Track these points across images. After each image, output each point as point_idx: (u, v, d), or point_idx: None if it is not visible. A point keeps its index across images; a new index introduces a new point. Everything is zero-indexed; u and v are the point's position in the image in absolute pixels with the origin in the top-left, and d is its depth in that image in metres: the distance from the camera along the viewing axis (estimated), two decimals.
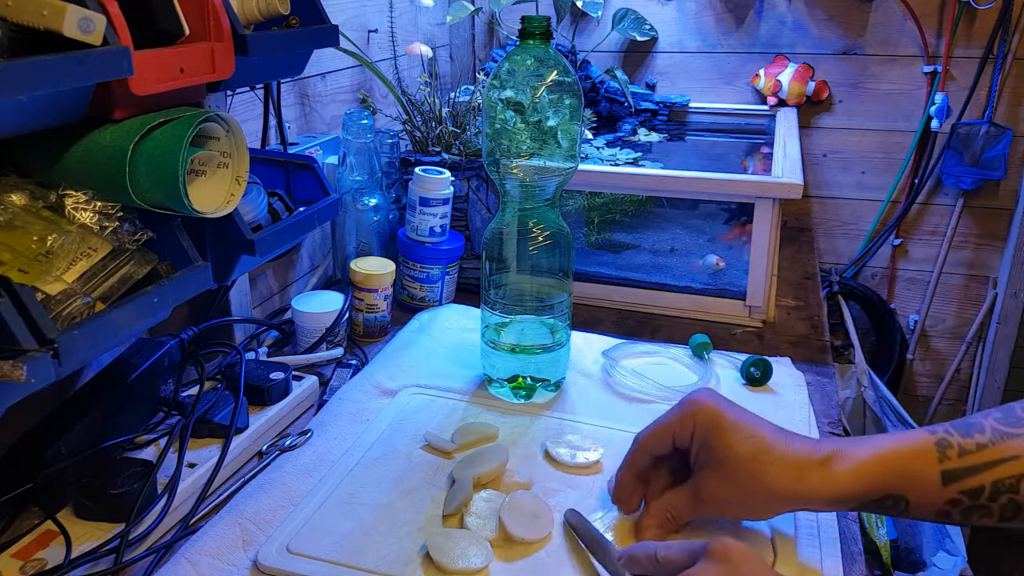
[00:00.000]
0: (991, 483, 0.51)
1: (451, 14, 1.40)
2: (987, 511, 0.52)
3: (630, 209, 1.14)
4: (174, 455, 0.69)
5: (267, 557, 0.59)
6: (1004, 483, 0.51)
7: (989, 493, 0.51)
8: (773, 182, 1.00)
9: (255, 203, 0.74)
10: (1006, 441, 0.51)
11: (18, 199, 0.55)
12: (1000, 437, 0.51)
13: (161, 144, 0.56)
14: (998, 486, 0.51)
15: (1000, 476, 0.51)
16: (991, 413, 0.54)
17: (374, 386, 0.84)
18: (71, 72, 0.48)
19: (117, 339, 0.66)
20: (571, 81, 0.74)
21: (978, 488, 0.51)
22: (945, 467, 0.52)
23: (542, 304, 0.81)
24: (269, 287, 1.05)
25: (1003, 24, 1.50)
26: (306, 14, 0.77)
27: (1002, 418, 0.53)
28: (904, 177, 1.66)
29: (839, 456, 0.54)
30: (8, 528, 0.61)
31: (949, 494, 0.52)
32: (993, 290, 1.69)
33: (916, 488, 0.53)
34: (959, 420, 0.55)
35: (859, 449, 0.55)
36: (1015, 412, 0.53)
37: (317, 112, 1.12)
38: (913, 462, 0.53)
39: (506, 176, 0.76)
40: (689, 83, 1.69)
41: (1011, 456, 0.51)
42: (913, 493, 0.53)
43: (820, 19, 1.59)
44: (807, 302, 1.14)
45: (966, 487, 0.52)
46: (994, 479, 0.51)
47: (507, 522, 0.61)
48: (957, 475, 0.52)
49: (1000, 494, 0.51)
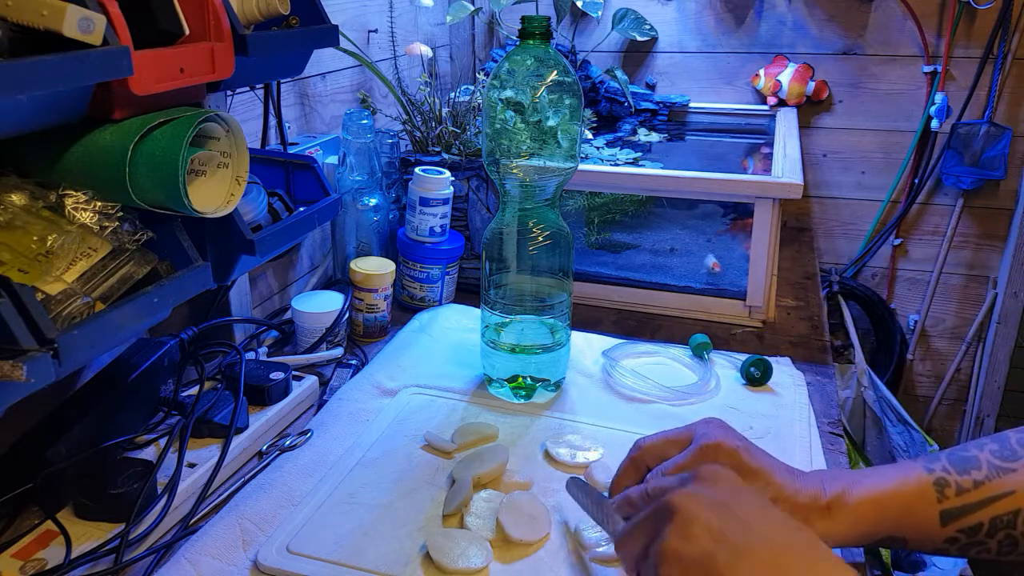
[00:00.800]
0: (989, 520, 0.52)
1: (451, 14, 1.40)
2: (985, 546, 0.52)
3: (630, 209, 1.14)
4: (174, 455, 0.69)
5: (267, 557, 0.59)
6: (1001, 520, 0.51)
7: (987, 530, 0.52)
8: (773, 182, 1.00)
9: (255, 203, 0.74)
10: (1002, 477, 0.52)
11: (18, 199, 0.55)
12: (996, 473, 0.52)
13: (161, 144, 0.56)
14: (996, 523, 0.51)
15: (997, 513, 0.51)
16: (986, 444, 0.54)
17: (374, 386, 0.84)
18: (71, 72, 0.48)
19: (117, 339, 0.66)
20: (571, 81, 0.74)
21: (976, 526, 0.52)
22: (944, 507, 0.52)
23: (542, 304, 0.81)
24: (269, 287, 1.05)
25: (1003, 24, 1.50)
26: (306, 14, 0.77)
27: (998, 451, 0.53)
28: (904, 177, 1.66)
29: (840, 503, 0.54)
30: (8, 528, 0.61)
31: (947, 533, 0.53)
32: (993, 290, 1.69)
33: (915, 529, 0.53)
34: (956, 452, 0.55)
35: (860, 491, 0.54)
36: (1010, 444, 0.53)
37: (317, 112, 1.12)
38: (912, 504, 0.53)
39: (506, 176, 0.76)
40: (689, 83, 1.69)
41: (1007, 492, 0.51)
42: (912, 534, 0.54)
43: (820, 19, 1.59)
44: (807, 302, 1.14)
45: (964, 526, 0.52)
46: (992, 516, 0.51)
47: (505, 523, 0.61)
48: (955, 514, 0.52)
49: (998, 530, 0.52)
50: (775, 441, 0.75)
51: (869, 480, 0.55)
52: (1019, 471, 0.52)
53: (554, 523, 0.63)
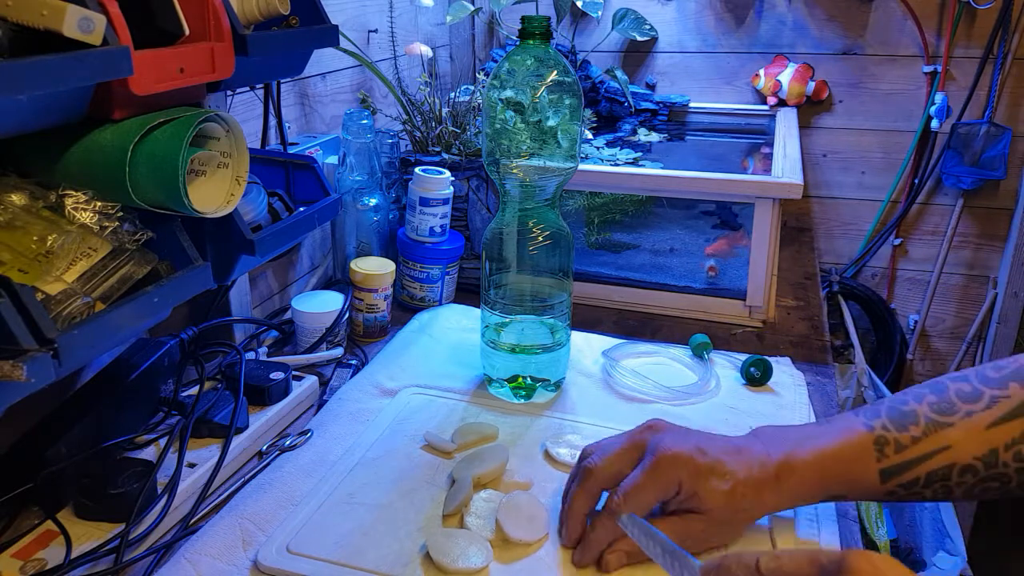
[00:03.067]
0: (925, 475, 0.54)
1: (451, 14, 1.40)
2: (921, 496, 0.55)
3: (630, 209, 1.14)
4: (174, 455, 0.69)
5: (267, 557, 0.59)
6: (937, 473, 0.54)
7: (923, 483, 0.55)
8: (773, 182, 1.00)
9: (255, 203, 0.74)
10: (939, 432, 0.54)
11: (18, 199, 0.55)
12: (933, 427, 0.54)
13: (161, 144, 0.56)
14: (932, 476, 0.54)
15: (933, 468, 0.54)
16: (925, 396, 0.56)
17: (374, 386, 0.84)
18: (71, 72, 0.48)
19: (117, 339, 0.66)
20: (571, 81, 0.74)
21: (913, 480, 0.55)
22: (883, 466, 0.55)
23: (542, 304, 0.81)
24: (269, 287, 1.05)
25: (1003, 24, 1.50)
26: (306, 14, 0.77)
27: (936, 403, 0.55)
28: (904, 177, 1.66)
29: (787, 470, 0.57)
30: (8, 528, 0.61)
31: (887, 488, 0.56)
32: (993, 290, 1.69)
33: (856, 487, 0.57)
34: (896, 406, 0.57)
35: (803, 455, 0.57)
36: (949, 396, 0.55)
37: (317, 112, 1.12)
38: (853, 465, 0.56)
39: (506, 176, 0.77)
40: (689, 83, 1.69)
41: (944, 447, 0.54)
42: (853, 492, 0.57)
43: (820, 19, 1.59)
44: (807, 302, 1.14)
45: (902, 481, 0.55)
46: (928, 471, 0.54)
47: (504, 524, 0.61)
48: (894, 472, 0.55)
49: (933, 482, 0.55)
50: None
51: (812, 442, 0.58)
52: (956, 425, 0.54)
53: (553, 523, 0.63)
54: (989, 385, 0.55)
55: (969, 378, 0.56)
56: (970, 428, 0.53)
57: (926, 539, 1.46)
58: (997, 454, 0.53)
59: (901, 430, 0.55)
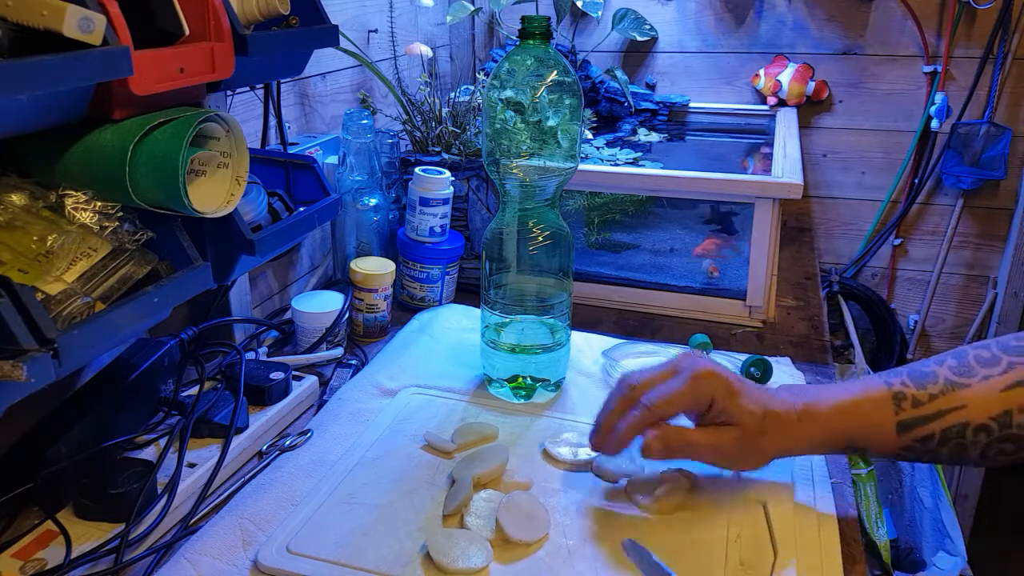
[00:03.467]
0: (940, 431, 0.56)
1: (451, 14, 1.40)
2: (936, 455, 0.57)
3: (630, 209, 1.14)
4: (174, 455, 0.69)
5: (267, 557, 0.59)
6: (952, 431, 0.56)
7: (939, 440, 0.56)
8: (773, 182, 1.00)
9: (255, 203, 0.74)
10: (956, 391, 0.56)
11: (18, 199, 0.55)
12: (951, 387, 0.56)
13: (161, 144, 0.56)
14: (947, 433, 0.56)
15: (948, 424, 0.56)
16: (946, 360, 0.59)
17: (374, 386, 0.84)
18: (71, 72, 0.48)
19: (117, 339, 0.66)
20: (571, 81, 0.74)
21: (928, 436, 0.57)
22: (900, 418, 0.57)
23: (542, 304, 0.81)
24: (269, 287, 1.05)
25: (1003, 24, 1.50)
26: (306, 14, 0.77)
27: (956, 367, 0.58)
28: (904, 177, 1.66)
29: (809, 413, 0.61)
30: (8, 528, 0.61)
31: (903, 442, 0.58)
32: (993, 290, 1.69)
33: (874, 437, 0.59)
34: (917, 368, 0.59)
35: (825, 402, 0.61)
36: (968, 360, 0.58)
37: (317, 112, 1.12)
38: (871, 415, 0.59)
39: (506, 176, 0.76)
40: (689, 83, 1.69)
41: (960, 406, 0.56)
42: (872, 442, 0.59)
43: (820, 19, 1.59)
44: (807, 302, 1.14)
45: (918, 435, 0.57)
46: (943, 427, 0.56)
47: (504, 524, 0.61)
48: (910, 425, 0.57)
49: (949, 440, 0.56)
50: None
51: (834, 393, 0.61)
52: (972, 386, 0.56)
53: (553, 523, 0.63)
54: (1009, 352, 0.57)
55: (990, 346, 0.58)
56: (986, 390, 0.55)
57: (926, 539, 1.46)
58: (1011, 416, 0.54)
59: (920, 388, 0.57)
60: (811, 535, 0.62)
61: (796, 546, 0.60)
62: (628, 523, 0.63)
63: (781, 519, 0.63)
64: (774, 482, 0.67)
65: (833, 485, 0.69)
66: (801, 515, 0.64)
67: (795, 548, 0.60)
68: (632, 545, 0.59)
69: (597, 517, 0.64)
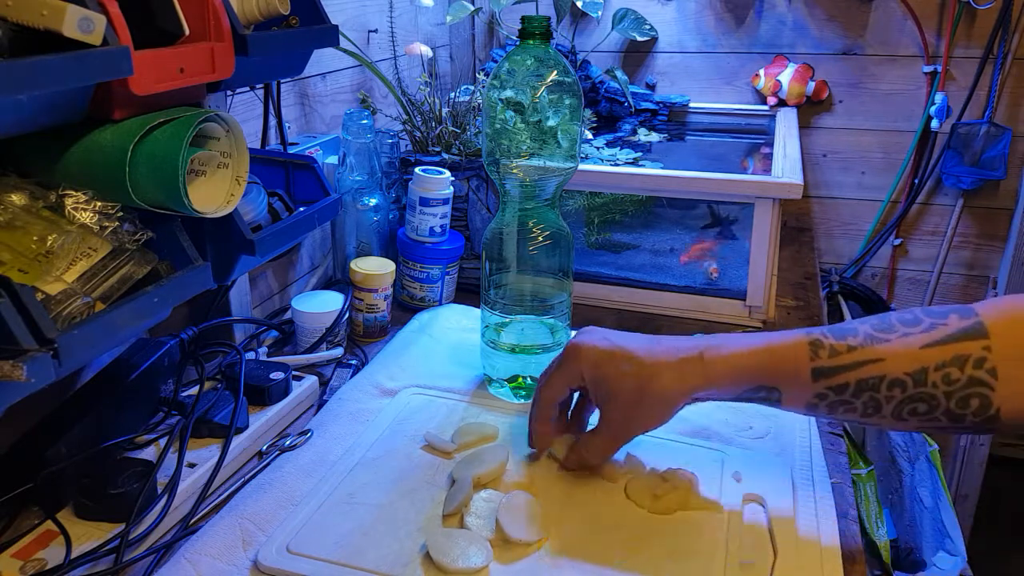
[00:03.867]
0: (855, 381, 0.56)
1: (451, 14, 1.40)
2: (851, 406, 0.57)
3: (630, 209, 1.14)
4: (174, 455, 0.69)
5: (267, 557, 0.59)
6: (867, 382, 0.56)
7: (853, 390, 0.56)
8: (773, 182, 1.00)
9: (255, 203, 0.74)
10: (874, 345, 0.56)
11: (18, 199, 0.55)
12: (870, 341, 0.57)
13: (161, 144, 0.56)
14: (861, 384, 0.56)
15: (864, 376, 0.56)
16: (868, 320, 0.59)
17: (374, 386, 0.84)
18: (71, 72, 0.48)
19: (117, 339, 0.66)
20: (571, 81, 0.74)
21: (843, 385, 0.56)
22: (815, 365, 0.57)
23: (542, 304, 0.81)
24: (269, 287, 1.05)
25: (1003, 24, 1.50)
26: (306, 14, 0.77)
27: (877, 324, 0.58)
28: (904, 177, 1.66)
29: (713, 350, 0.60)
30: (8, 528, 0.61)
31: (817, 388, 0.57)
32: (993, 290, 1.69)
33: (786, 380, 0.58)
34: (837, 325, 0.59)
35: (734, 345, 0.61)
36: (890, 320, 0.58)
37: (317, 112, 1.12)
38: (785, 357, 0.58)
39: (506, 176, 0.76)
40: (689, 83, 1.69)
41: (877, 359, 0.56)
42: (785, 386, 0.58)
43: (820, 19, 1.59)
44: (807, 302, 1.14)
45: (832, 384, 0.57)
46: (859, 378, 0.56)
47: (504, 524, 0.61)
48: (825, 372, 0.57)
49: (863, 392, 0.56)
50: (775, 441, 0.75)
51: (745, 339, 0.61)
52: (892, 342, 0.56)
53: (553, 523, 0.63)
54: (930, 315, 0.57)
55: (914, 311, 0.58)
56: (904, 346, 0.55)
57: (926, 539, 1.46)
58: (926, 373, 0.54)
59: (839, 339, 0.57)
60: (811, 535, 0.62)
61: (796, 546, 0.60)
62: (628, 523, 0.63)
63: (781, 519, 0.63)
64: (774, 482, 0.67)
65: (833, 485, 0.69)
66: (801, 515, 0.64)
67: (795, 548, 0.60)
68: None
69: (597, 517, 0.64)
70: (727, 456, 0.72)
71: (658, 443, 0.74)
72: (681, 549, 0.60)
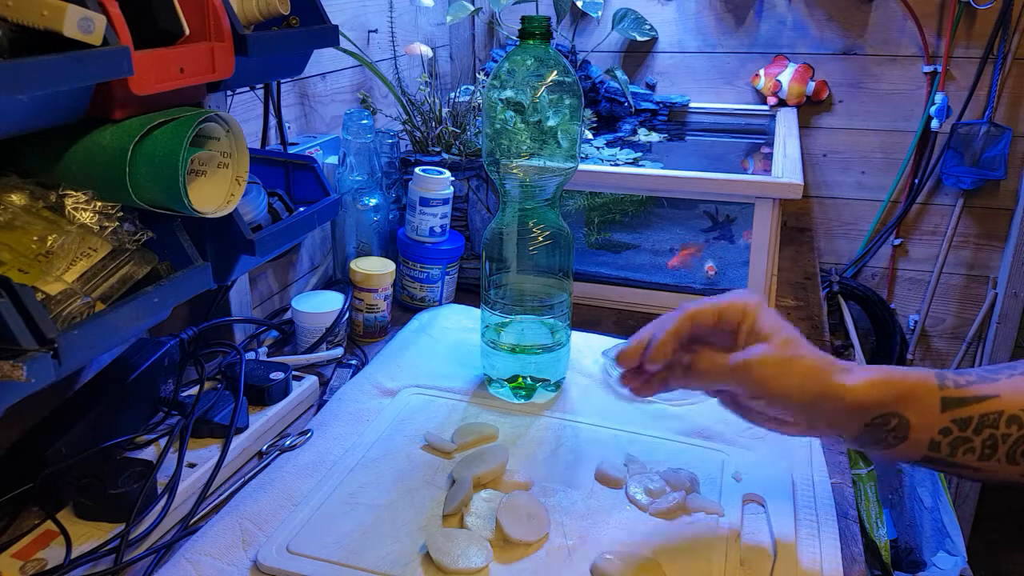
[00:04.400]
0: (978, 416, 0.56)
1: (451, 14, 1.40)
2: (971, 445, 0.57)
3: (630, 209, 1.14)
4: (174, 455, 0.69)
5: (267, 557, 0.59)
6: (988, 417, 0.56)
7: (975, 425, 0.57)
8: (773, 182, 1.00)
9: (255, 203, 0.74)
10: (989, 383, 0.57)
11: (18, 199, 0.55)
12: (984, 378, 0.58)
13: (161, 144, 0.56)
14: (983, 419, 0.56)
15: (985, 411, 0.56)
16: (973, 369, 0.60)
17: (374, 386, 0.84)
18: (71, 72, 0.48)
19: (117, 339, 0.66)
20: (571, 81, 0.74)
21: (967, 419, 0.57)
22: (944, 394, 0.57)
23: (542, 304, 0.81)
24: (269, 287, 1.05)
25: (1003, 24, 1.50)
26: (306, 14, 0.77)
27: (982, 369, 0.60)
28: (904, 177, 1.66)
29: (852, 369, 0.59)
30: (8, 528, 0.61)
31: (944, 421, 0.57)
32: (993, 290, 1.69)
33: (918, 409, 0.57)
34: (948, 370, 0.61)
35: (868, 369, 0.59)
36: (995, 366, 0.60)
37: (317, 112, 1.12)
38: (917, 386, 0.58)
39: (506, 176, 0.76)
40: (689, 83, 1.69)
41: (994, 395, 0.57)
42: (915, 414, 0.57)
43: (820, 19, 1.59)
44: (807, 302, 1.14)
45: (958, 416, 0.57)
46: (981, 412, 0.56)
47: (504, 523, 0.61)
48: (953, 403, 0.57)
49: (984, 428, 0.56)
50: (775, 442, 0.75)
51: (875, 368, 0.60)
52: (1001, 381, 0.57)
53: (553, 523, 0.63)
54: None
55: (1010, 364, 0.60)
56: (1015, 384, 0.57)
57: (926, 539, 1.46)
58: None
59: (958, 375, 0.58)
60: (811, 536, 0.62)
61: (796, 546, 0.60)
62: (628, 523, 0.63)
63: (781, 519, 0.63)
64: (774, 482, 0.67)
65: (833, 485, 0.69)
66: (801, 516, 0.64)
67: (795, 548, 0.60)
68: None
69: (597, 517, 0.64)
70: (727, 456, 0.72)
71: (658, 443, 0.74)
72: (681, 549, 0.60)
